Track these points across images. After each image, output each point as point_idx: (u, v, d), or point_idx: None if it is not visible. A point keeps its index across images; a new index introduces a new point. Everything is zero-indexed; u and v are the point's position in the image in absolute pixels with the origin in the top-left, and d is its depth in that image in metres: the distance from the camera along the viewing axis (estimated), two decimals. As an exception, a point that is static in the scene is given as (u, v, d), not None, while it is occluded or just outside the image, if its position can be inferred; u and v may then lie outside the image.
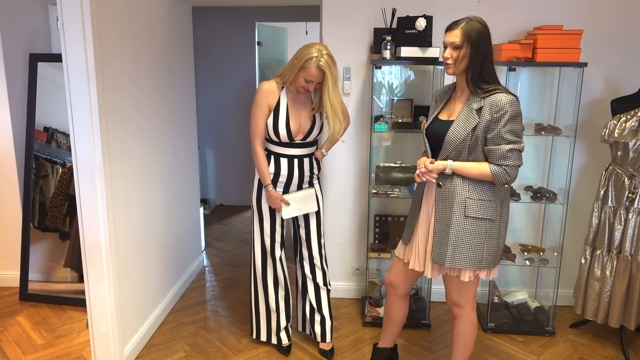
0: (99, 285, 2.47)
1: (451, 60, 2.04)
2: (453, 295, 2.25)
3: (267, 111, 2.47)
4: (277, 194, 2.53)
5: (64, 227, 3.36)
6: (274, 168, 2.53)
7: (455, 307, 2.27)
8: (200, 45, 4.29)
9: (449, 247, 2.09)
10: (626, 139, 2.67)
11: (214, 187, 5.68)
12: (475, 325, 2.30)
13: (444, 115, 2.18)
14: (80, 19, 2.20)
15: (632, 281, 2.76)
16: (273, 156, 2.54)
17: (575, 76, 2.81)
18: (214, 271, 3.97)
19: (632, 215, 2.72)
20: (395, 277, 2.38)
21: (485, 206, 2.08)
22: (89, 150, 2.33)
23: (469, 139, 2.04)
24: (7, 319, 3.17)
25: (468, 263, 2.10)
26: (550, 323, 3.05)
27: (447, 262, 2.10)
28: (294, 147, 2.52)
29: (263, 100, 2.46)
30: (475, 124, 2.02)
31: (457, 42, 2.01)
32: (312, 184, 2.63)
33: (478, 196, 2.08)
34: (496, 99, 1.99)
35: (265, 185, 2.54)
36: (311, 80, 2.37)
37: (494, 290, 3.13)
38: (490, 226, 2.10)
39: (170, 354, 2.81)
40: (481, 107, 2.02)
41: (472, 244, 2.09)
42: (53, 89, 3.34)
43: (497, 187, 2.09)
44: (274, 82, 2.49)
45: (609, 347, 2.92)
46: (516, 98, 2.01)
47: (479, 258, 2.10)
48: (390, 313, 2.46)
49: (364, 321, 3.14)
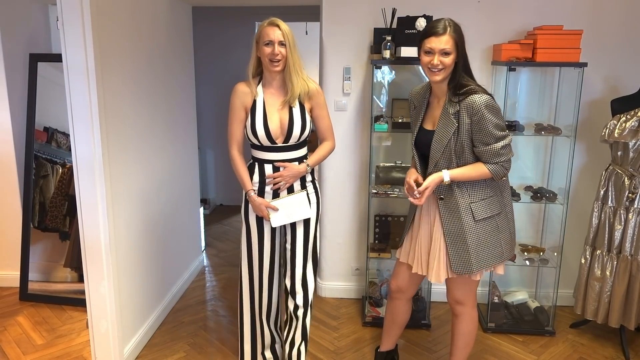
0: (99, 285, 2.47)
1: (441, 67, 1.99)
2: (457, 293, 2.25)
3: (243, 114, 2.32)
4: (262, 200, 2.33)
5: (64, 227, 3.36)
6: (259, 176, 2.35)
7: (458, 305, 2.27)
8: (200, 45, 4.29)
9: (472, 255, 2.10)
10: (626, 139, 2.67)
11: (214, 187, 5.68)
12: (476, 323, 2.31)
13: (428, 124, 2.16)
14: (80, 19, 2.20)
15: (632, 281, 2.76)
16: (257, 163, 2.36)
17: (575, 76, 2.81)
18: (214, 271, 3.97)
19: (632, 215, 2.72)
20: (402, 281, 2.36)
21: (490, 203, 2.11)
22: (89, 150, 2.33)
23: (452, 144, 2.03)
24: (7, 319, 3.17)
25: (492, 261, 2.13)
26: (550, 323, 3.05)
27: (474, 268, 2.11)
28: (277, 151, 2.32)
29: (237, 102, 2.31)
30: (455, 128, 2.01)
31: (448, 49, 1.97)
32: (305, 187, 2.41)
33: (480, 197, 2.09)
34: (471, 101, 1.97)
35: (246, 191, 2.36)
36: (270, 40, 2.18)
37: (494, 290, 3.13)
38: (500, 219, 2.13)
39: (170, 354, 2.81)
40: (457, 111, 2.01)
41: (491, 243, 2.12)
42: (53, 89, 3.33)
43: (491, 179, 2.10)
44: (249, 82, 2.33)
45: (609, 347, 2.92)
46: (490, 96, 2.00)
47: (499, 253, 2.14)
48: (397, 316, 2.45)
49: (364, 321, 3.14)
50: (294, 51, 2.23)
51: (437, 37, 1.98)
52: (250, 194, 2.35)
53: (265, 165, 2.34)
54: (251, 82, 2.32)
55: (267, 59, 2.21)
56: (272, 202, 2.34)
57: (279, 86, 2.32)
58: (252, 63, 2.31)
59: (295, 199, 2.36)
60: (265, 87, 2.33)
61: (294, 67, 2.25)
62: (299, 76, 2.26)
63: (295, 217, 2.37)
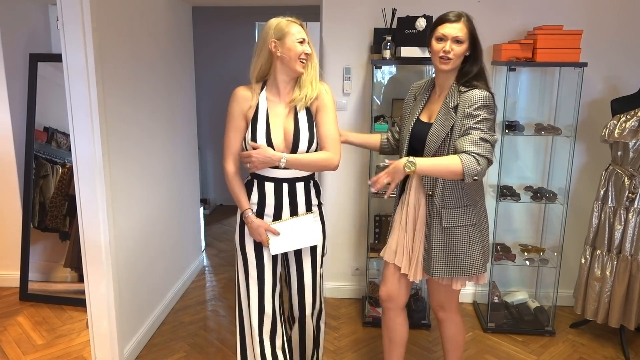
0: (99, 285, 2.47)
1: (452, 55, 1.93)
2: (439, 298, 2.20)
3: (243, 123, 2.02)
4: (260, 222, 2.02)
5: (64, 227, 3.36)
6: (258, 196, 2.05)
7: (440, 309, 2.23)
8: (200, 45, 4.30)
9: (433, 260, 2.03)
10: (626, 139, 2.67)
11: (213, 187, 5.68)
12: (461, 326, 2.26)
13: (425, 116, 2.08)
14: (80, 19, 2.20)
15: (632, 281, 2.76)
16: (257, 181, 2.05)
17: (575, 76, 2.81)
18: (214, 271, 3.97)
19: (632, 215, 2.72)
20: (391, 287, 2.21)
21: (464, 213, 2.00)
22: (89, 150, 2.33)
23: (448, 140, 1.95)
24: (7, 319, 3.17)
25: (457, 272, 2.03)
26: (550, 323, 3.05)
27: (434, 273, 2.04)
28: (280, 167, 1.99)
29: (236, 108, 2.02)
30: (453, 123, 1.94)
31: (461, 37, 1.92)
32: (311, 209, 2.10)
33: (453, 204, 2.00)
34: (470, 95, 1.92)
35: (242, 211, 2.05)
36: (304, 38, 1.98)
37: (494, 290, 3.13)
38: (474, 231, 2.03)
39: (170, 354, 2.81)
40: (457, 105, 1.94)
41: (459, 253, 2.01)
42: (53, 89, 3.33)
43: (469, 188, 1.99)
44: (251, 86, 2.06)
45: (609, 347, 2.92)
46: (491, 94, 1.95)
47: (467, 265, 2.03)
48: (393, 332, 2.25)
49: (364, 321, 3.14)
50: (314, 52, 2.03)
51: (451, 23, 1.93)
52: (248, 214, 2.04)
53: (266, 183, 2.03)
54: (254, 86, 2.05)
55: (297, 58, 1.96)
56: (273, 224, 2.04)
57: (287, 93, 2.03)
58: (260, 64, 2.02)
59: (301, 222, 2.05)
60: (270, 93, 2.04)
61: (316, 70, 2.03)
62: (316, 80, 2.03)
63: (298, 243, 2.05)
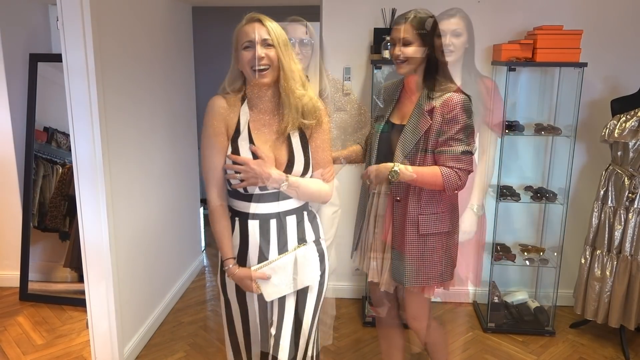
0: (99, 285, 2.47)
1: (403, 57, 1.87)
2: (413, 309, 2.10)
3: (225, 140, 1.64)
4: (244, 271, 1.66)
5: (64, 227, 3.36)
6: (239, 237, 1.67)
7: (415, 321, 2.12)
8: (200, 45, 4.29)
9: (406, 268, 1.95)
10: (626, 139, 2.67)
11: (214, 187, 5.66)
12: (437, 328, 2.22)
13: (396, 118, 2.00)
14: (80, 19, 2.20)
15: (632, 281, 2.76)
16: (238, 219, 1.67)
17: (575, 76, 2.81)
18: (214, 271, 3.97)
19: (632, 215, 2.72)
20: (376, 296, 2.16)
21: (439, 219, 1.95)
22: (89, 150, 2.33)
23: (422, 143, 1.88)
24: (7, 319, 3.17)
25: (429, 280, 1.97)
26: (550, 323, 3.05)
27: (405, 282, 1.96)
28: (268, 200, 1.64)
29: (215, 123, 1.63)
30: (428, 126, 1.86)
31: (408, 38, 1.85)
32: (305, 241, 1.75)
33: (431, 210, 1.93)
34: (447, 99, 1.84)
35: (224, 260, 1.68)
36: (249, 40, 1.59)
37: (494, 290, 3.13)
38: (447, 239, 1.98)
39: (170, 354, 2.81)
40: (433, 108, 1.86)
41: (431, 261, 1.96)
42: (53, 89, 3.33)
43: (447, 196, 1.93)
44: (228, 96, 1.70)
45: (609, 347, 2.92)
46: (468, 97, 1.88)
47: (438, 272, 1.97)
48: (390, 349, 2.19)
49: (364, 321, 3.14)
50: (286, 55, 1.61)
51: (397, 25, 1.89)
52: (229, 266, 1.67)
53: (250, 222, 1.65)
54: (232, 96, 1.69)
55: (248, 68, 1.61)
56: (262, 268, 1.66)
57: (272, 109, 1.67)
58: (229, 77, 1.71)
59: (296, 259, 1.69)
60: (252, 110, 1.67)
61: (292, 78, 1.60)
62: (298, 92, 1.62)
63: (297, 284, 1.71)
